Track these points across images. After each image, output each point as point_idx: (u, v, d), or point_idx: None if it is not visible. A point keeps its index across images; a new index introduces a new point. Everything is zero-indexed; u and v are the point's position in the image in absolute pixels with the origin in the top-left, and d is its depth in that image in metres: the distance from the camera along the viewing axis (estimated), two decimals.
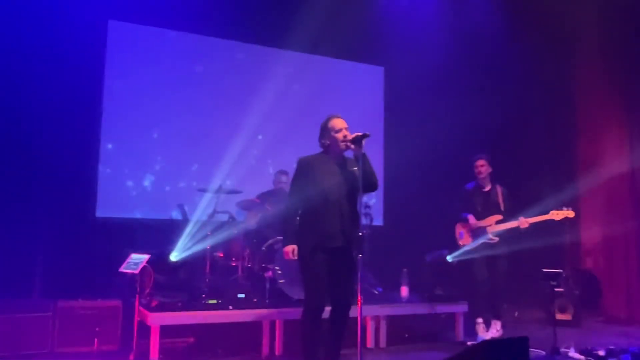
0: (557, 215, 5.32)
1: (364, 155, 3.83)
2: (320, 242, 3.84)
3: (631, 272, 6.88)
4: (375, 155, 7.84)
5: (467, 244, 5.61)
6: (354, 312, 3.90)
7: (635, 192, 6.95)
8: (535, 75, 7.51)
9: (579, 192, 7.39)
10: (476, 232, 5.58)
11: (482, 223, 5.57)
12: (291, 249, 3.90)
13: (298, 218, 3.98)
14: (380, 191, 7.75)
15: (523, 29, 7.45)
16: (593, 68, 7.51)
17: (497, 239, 5.50)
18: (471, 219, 5.60)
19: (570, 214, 5.31)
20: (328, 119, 4.00)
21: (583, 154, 7.68)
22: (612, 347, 4.89)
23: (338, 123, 3.95)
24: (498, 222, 5.52)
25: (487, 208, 5.63)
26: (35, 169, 5.89)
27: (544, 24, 7.39)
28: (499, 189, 5.71)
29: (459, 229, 5.75)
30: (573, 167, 7.75)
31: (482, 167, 5.67)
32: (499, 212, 5.59)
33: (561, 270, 4.65)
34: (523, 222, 5.39)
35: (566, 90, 7.79)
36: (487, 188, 5.72)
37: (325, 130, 3.99)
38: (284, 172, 6.43)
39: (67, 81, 6.03)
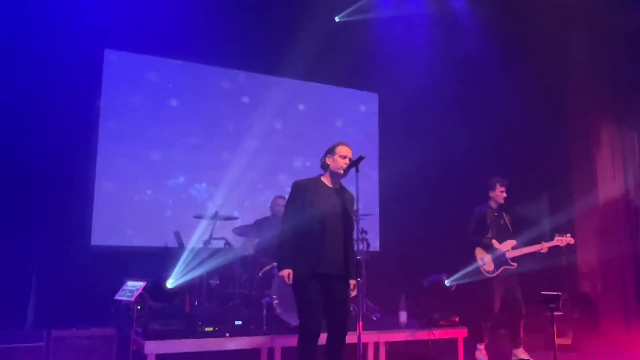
0: (561, 241, 5.45)
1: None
2: (316, 267, 3.82)
3: (628, 295, 6.86)
4: (371, 180, 7.87)
5: (491, 269, 5.55)
6: (352, 338, 3.88)
7: (629, 215, 6.98)
8: (528, 100, 7.59)
9: (574, 216, 7.41)
10: (497, 257, 5.55)
11: (503, 248, 5.56)
12: (287, 273, 3.85)
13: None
14: (376, 217, 7.74)
15: (515, 55, 7.56)
16: (585, 93, 7.61)
17: (515, 264, 5.52)
18: (496, 243, 5.56)
19: (571, 240, 5.48)
20: (338, 143, 4.07)
21: (578, 178, 7.72)
22: None
23: (344, 150, 4.02)
24: (514, 248, 5.55)
25: (501, 233, 5.64)
26: (30, 196, 5.84)
27: (535, 51, 7.51)
28: (504, 214, 5.77)
29: (481, 254, 5.63)
30: (568, 190, 7.78)
31: (506, 192, 5.74)
32: (511, 236, 5.63)
33: (560, 293, 4.61)
34: (545, 246, 5.46)
35: (559, 115, 7.87)
36: (497, 213, 5.76)
37: (331, 152, 4.05)
38: (281, 197, 6.41)
39: (63, 109, 6.03)
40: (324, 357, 3.92)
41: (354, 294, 3.94)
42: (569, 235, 5.48)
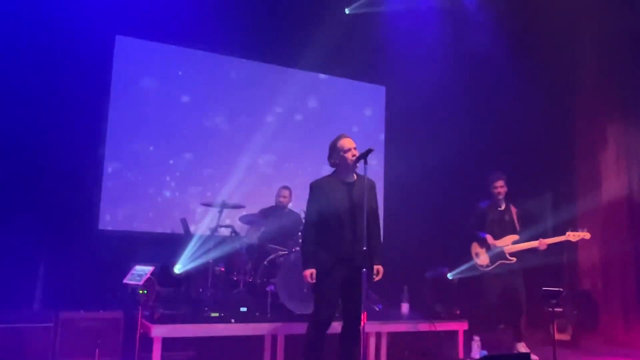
0: (573, 236, 5.42)
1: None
2: (336, 261, 3.91)
3: (628, 293, 6.90)
4: (376, 172, 7.91)
5: (485, 263, 5.63)
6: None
7: (632, 214, 7.00)
8: (535, 97, 7.61)
9: (577, 213, 7.44)
10: (493, 252, 5.61)
11: (500, 243, 5.61)
12: (309, 273, 3.92)
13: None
14: (380, 208, 7.76)
15: (524, 52, 7.57)
16: (592, 91, 7.61)
17: (514, 259, 5.56)
18: (489, 238, 5.63)
19: (587, 235, 5.43)
20: (337, 139, 4.08)
21: (582, 175, 7.74)
22: None
23: (347, 143, 4.04)
24: (514, 242, 5.59)
25: (503, 228, 5.68)
26: (39, 180, 5.91)
27: (544, 48, 7.52)
28: (513, 209, 5.79)
29: (476, 249, 5.75)
30: (572, 187, 7.81)
31: (502, 187, 5.75)
32: (514, 232, 5.66)
33: (561, 290, 4.67)
34: (543, 243, 5.46)
35: (566, 113, 7.89)
36: (502, 207, 5.78)
37: (334, 150, 4.07)
38: (284, 188, 6.47)
39: (73, 94, 6.09)
40: (340, 345, 4.01)
41: (377, 278, 4.03)
42: (585, 229, 5.46)
